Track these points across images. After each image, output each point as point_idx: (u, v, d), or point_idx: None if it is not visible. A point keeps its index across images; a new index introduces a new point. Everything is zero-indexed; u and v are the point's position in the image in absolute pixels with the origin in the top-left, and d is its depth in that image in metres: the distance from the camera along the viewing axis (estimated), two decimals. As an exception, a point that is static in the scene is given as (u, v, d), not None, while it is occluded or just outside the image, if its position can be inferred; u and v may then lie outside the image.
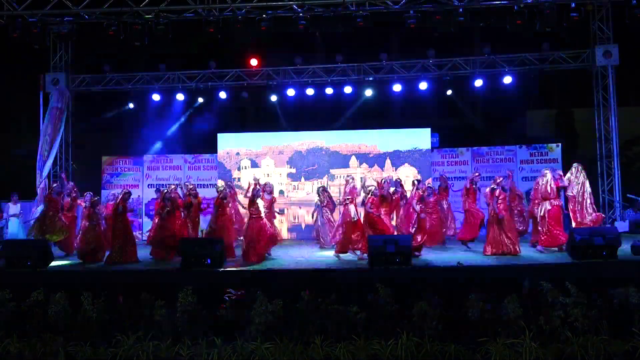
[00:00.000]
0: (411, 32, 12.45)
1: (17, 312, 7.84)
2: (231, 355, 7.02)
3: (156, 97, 15.05)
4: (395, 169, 14.45)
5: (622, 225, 12.54)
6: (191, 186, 11.35)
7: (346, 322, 7.33)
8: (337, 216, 11.54)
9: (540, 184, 10.37)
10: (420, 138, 14.56)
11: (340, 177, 14.40)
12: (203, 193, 12.22)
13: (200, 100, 15.24)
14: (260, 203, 10.38)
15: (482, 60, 14.24)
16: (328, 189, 12.42)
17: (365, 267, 8.97)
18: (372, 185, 10.39)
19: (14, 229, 12.36)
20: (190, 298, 7.64)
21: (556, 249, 10.07)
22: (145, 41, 12.56)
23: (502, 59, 14.16)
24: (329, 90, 14.63)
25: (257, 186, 10.62)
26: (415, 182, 11.43)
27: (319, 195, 11.97)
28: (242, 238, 10.71)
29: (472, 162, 14.58)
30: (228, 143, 15.06)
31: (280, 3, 12.08)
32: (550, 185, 10.18)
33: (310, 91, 14.68)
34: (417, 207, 10.38)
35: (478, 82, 14.19)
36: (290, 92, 14.65)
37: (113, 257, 9.85)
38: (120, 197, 10.28)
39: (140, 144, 15.53)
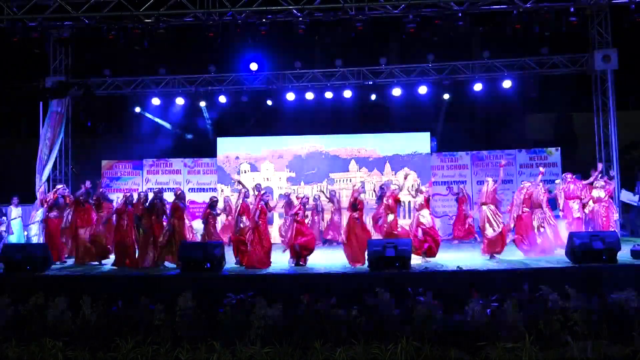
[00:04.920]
0: (411, 37, 12.46)
1: (16, 316, 7.83)
2: (230, 360, 7.02)
3: (156, 101, 15.07)
4: (395, 173, 14.46)
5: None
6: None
7: (346, 326, 7.32)
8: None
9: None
10: (419, 142, 14.57)
11: (340, 180, 14.41)
12: (203, 197, 12.25)
13: (200, 104, 15.25)
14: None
15: (481, 65, 14.27)
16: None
17: (365, 271, 8.96)
18: None
19: (16, 232, 12.34)
20: (190, 302, 7.63)
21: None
22: (145, 45, 12.57)
23: (501, 63, 14.18)
24: (329, 95, 14.65)
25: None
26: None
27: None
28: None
29: (472, 166, 14.60)
30: (228, 147, 15.07)
31: (279, 8, 12.09)
32: None
33: (309, 95, 14.69)
34: None
35: (477, 86, 14.21)
36: (290, 96, 14.66)
37: None
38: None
39: (139, 148, 15.53)
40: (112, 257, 10.41)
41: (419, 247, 9.69)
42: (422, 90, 14.32)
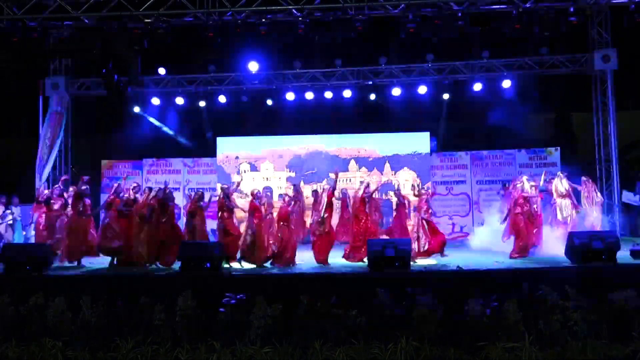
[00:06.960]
0: (410, 37, 12.45)
1: (16, 316, 7.83)
2: (230, 360, 7.02)
3: (156, 100, 15.07)
4: (395, 173, 14.47)
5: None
6: None
7: (345, 326, 7.33)
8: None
9: None
10: (419, 142, 14.58)
11: (339, 180, 14.39)
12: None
13: (200, 104, 15.24)
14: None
15: (481, 65, 14.26)
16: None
17: (365, 271, 8.96)
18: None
19: (17, 231, 12.35)
20: (190, 302, 7.63)
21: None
22: (144, 45, 12.57)
23: (500, 63, 14.18)
24: (329, 95, 14.63)
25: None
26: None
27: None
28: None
29: (472, 166, 14.60)
30: (227, 147, 15.07)
31: (279, 7, 12.09)
32: None
33: (309, 95, 14.68)
34: None
35: (477, 86, 14.22)
36: (290, 96, 14.66)
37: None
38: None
39: (139, 148, 15.51)
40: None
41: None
42: (422, 90, 14.32)
